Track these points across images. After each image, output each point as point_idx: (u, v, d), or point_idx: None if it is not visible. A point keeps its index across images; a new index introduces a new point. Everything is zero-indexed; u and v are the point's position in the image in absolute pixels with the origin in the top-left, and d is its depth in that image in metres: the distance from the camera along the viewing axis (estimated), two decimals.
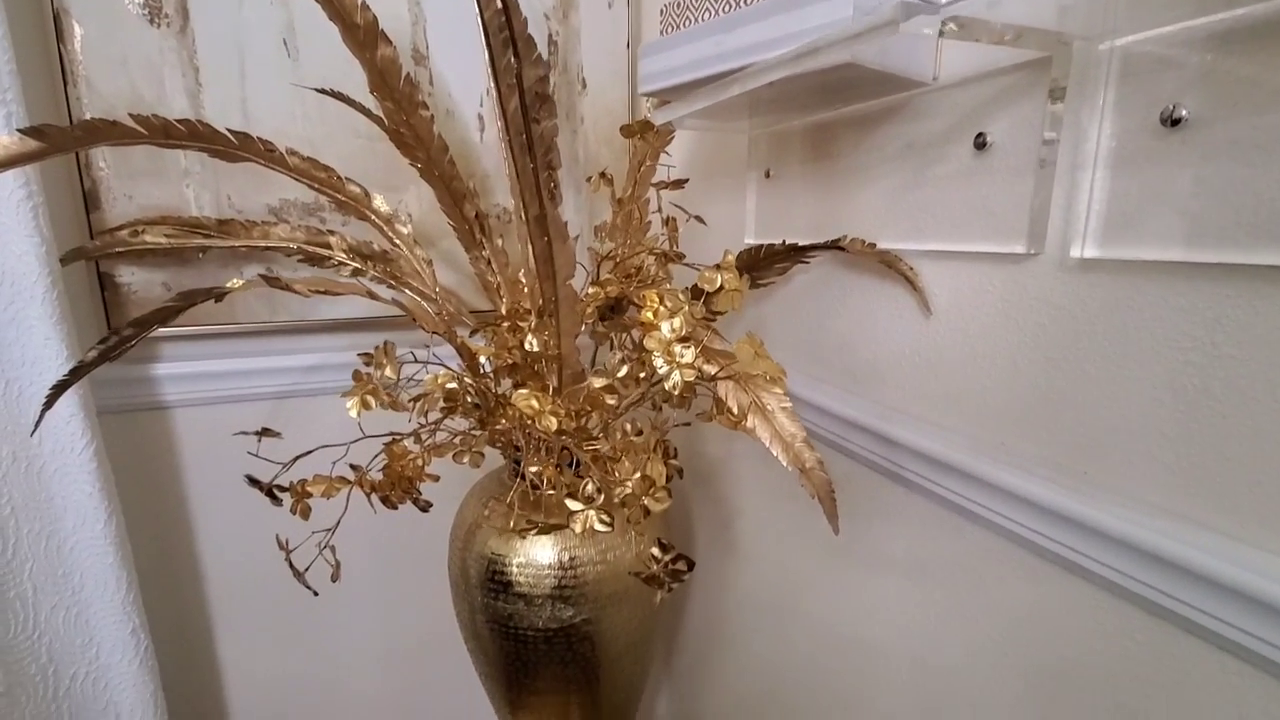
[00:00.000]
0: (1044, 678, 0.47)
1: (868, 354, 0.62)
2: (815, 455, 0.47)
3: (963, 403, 0.52)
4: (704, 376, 0.49)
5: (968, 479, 0.50)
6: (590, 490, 0.44)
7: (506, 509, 0.73)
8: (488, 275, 0.78)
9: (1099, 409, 0.43)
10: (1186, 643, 0.39)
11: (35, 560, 0.71)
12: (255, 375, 0.83)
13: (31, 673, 0.71)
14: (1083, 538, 0.43)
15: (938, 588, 0.56)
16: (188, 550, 0.87)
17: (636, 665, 0.78)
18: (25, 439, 0.69)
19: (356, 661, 0.99)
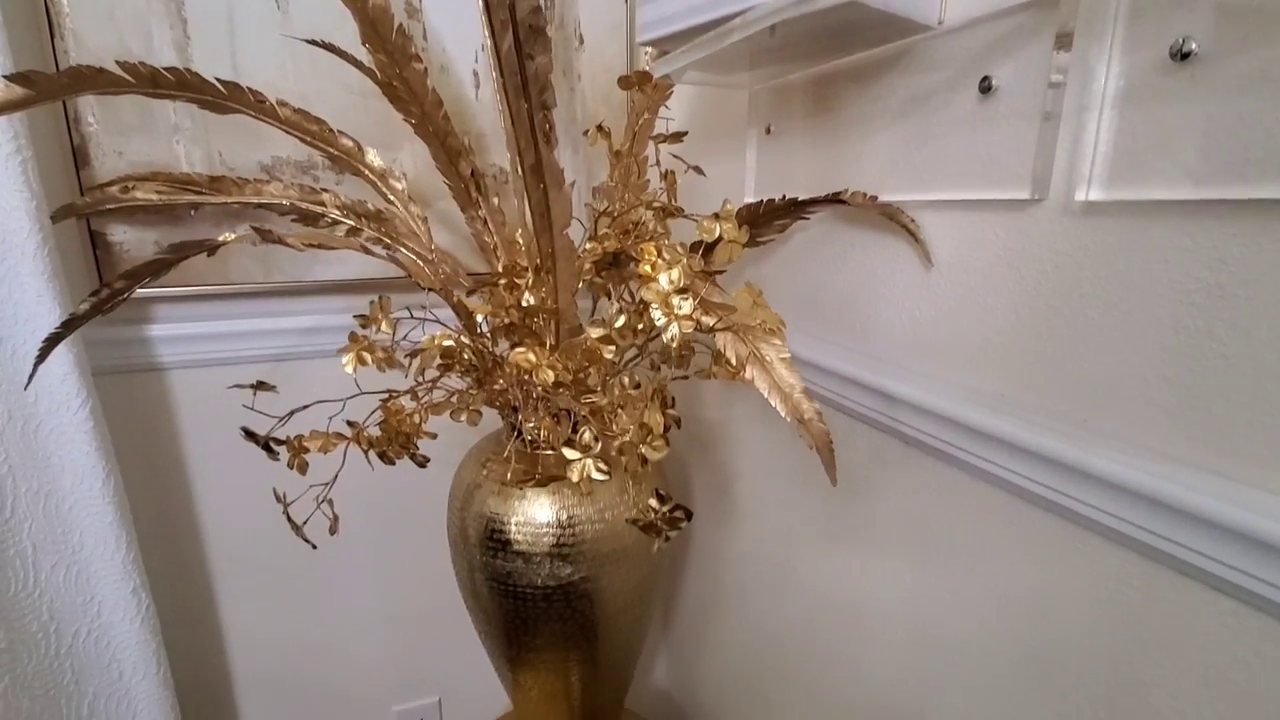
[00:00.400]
0: (1039, 626, 0.48)
1: (868, 310, 0.61)
2: (813, 406, 0.47)
3: (963, 355, 0.52)
4: (702, 328, 0.49)
5: (965, 431, 0.50)
6: (588, 439, 0.43)
7: (505, 469, 0.73)
8: (484, 236, 0.77)
9: (1100, 356, 0.42)
10: (1181, 585, 0.39)
11: (34, 519, 0.71)
12: (251, 337, 0.82)
13: (33, 630, 0.72)
14: (1080, 485, 0.42)
15: (935, 542, 0.56)
16: (187, 512, 0.87)
17: (634, 624, 0.79)
18: (20, 397, 0.68)
19: (357, 623, 1.00)
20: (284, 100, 0.63)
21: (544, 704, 0.82)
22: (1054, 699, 0.47)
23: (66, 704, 0.75)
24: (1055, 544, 0.46)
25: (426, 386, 0.64)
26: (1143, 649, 0.41)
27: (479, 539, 0.72)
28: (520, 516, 0.70)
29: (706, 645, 1.04)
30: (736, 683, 0.96)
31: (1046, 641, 0.47)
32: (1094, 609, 0.44)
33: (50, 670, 0.74)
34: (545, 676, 0.78)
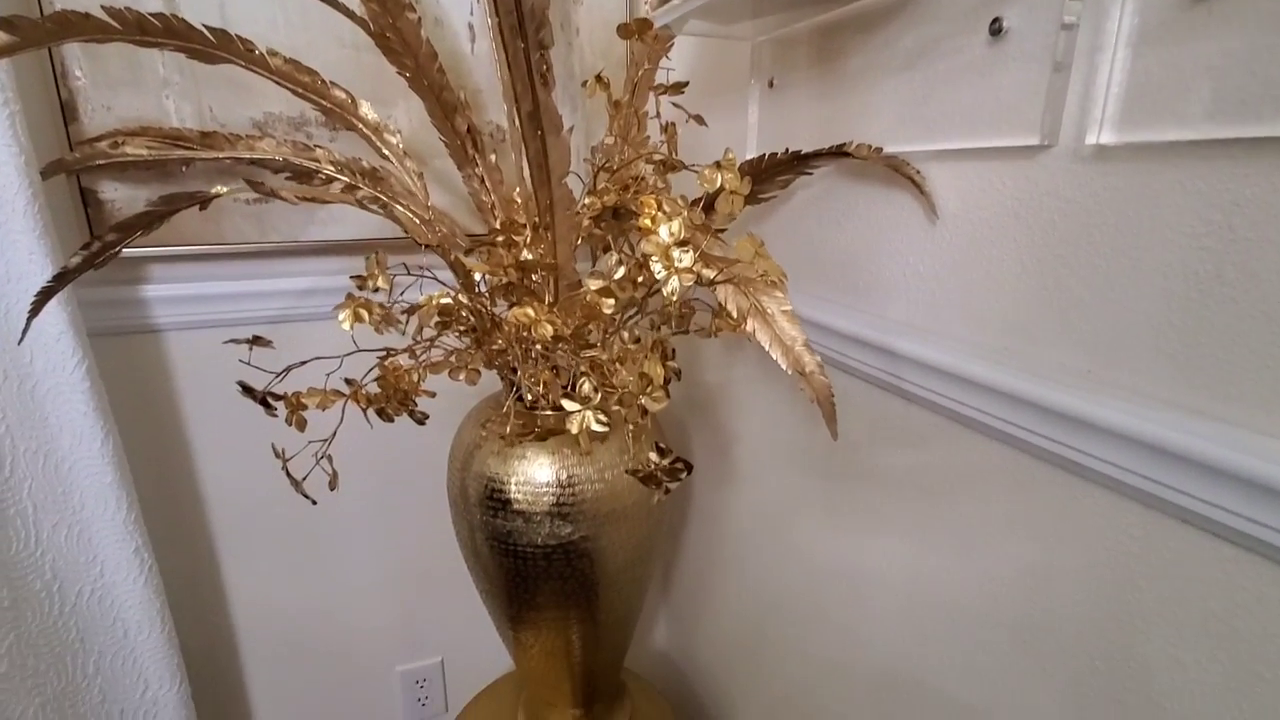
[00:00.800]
0: (1038, 581, 0.48)
1: (871, 267, 0.60)
2: (815, 359, 0.46)
3: (966, 310, 0.51)
4: (702, 281, 0.48)
5: (967, 385, 0.49)
6: (587, 390, 0.43)
7: (504, 428, 0.72)
8: (481, 195, 0.75)
9: (1106, 305, 0.42)
10: (1182, 534, 0.39)
11: (34, 478, 0.71)
12: (247, 299, 0.82)
13: (36, 589, 0.72)
14: (1084, 436, 0.42)
15: (935, 499, 0.56)
16: (188, 476, 0.87)
17: (634, 584, 0.80)
18: (15, 356, 0.68)
19: (359, 585, 1.01)
20: (274, 50, 0.62)
21: (545, 662, 0.83)
22: (1052, 653, 0.47)
23: (72, 661, 0.76)
24: (1056, 497, 0.46)
25: (424, 345, 0.63)
26: (1142, 599, 0.41)
27: (479, 499, 0.72)
28: (520, 476, 0.70)
29: (705, 608, 1.05)
30: (735, 645, 0.97)
31: (1045, 596, 0.48)
32: (1093, 561, 0.44)
33: (55, 628, 0.74)
34: (546, 635, 0.79)
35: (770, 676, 0.88)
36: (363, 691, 1.05)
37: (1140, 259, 0.40)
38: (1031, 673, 0.49)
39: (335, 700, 1.04)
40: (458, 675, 1.11)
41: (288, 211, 0.79)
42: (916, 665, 0.61)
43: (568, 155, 0.48)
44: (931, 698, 0.60)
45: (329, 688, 1.03)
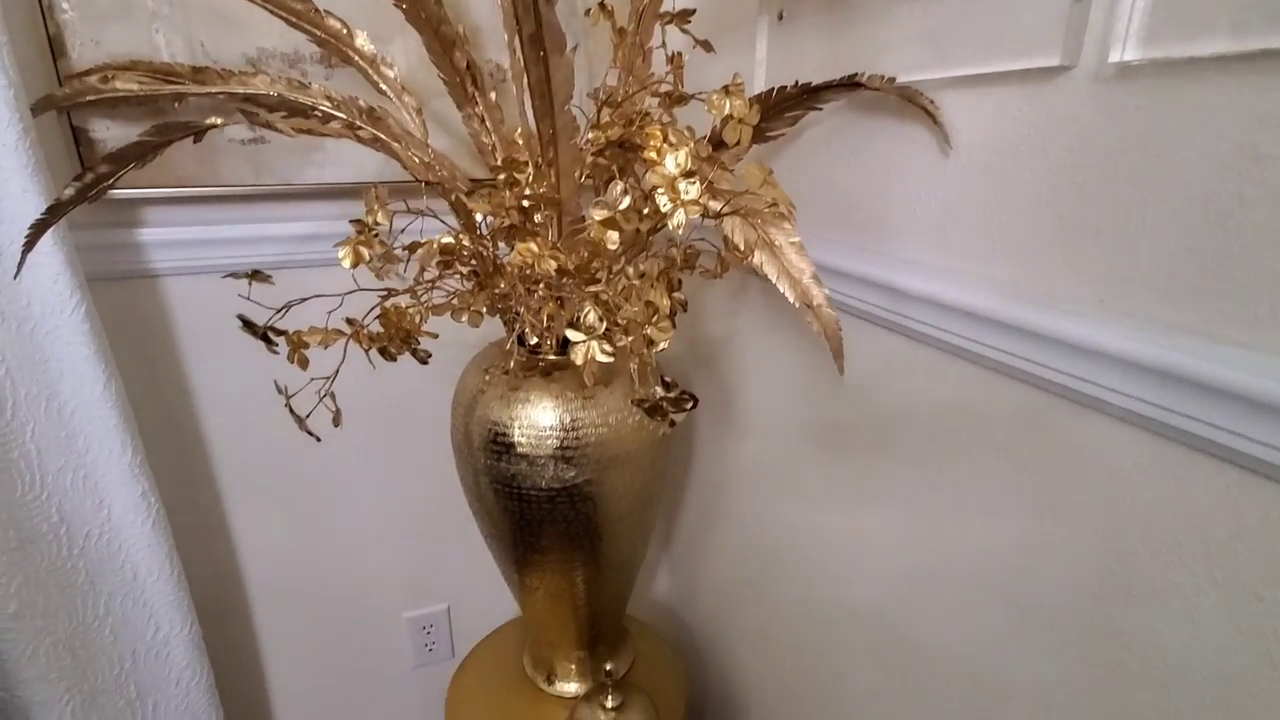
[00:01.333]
0: (1041, 514, 0.48)
1: (881, 206, 0.59)
2: (823, 291, 0.46)
3: (978, 245, 0.50)
4: (709, 214, 0.47)
5: (976, 320, 0.49)
6: (592, 320, 0.43)
7: (507, 375, 0.72)
8: (481, 136, 0.74)
9: (1123, 232, 0.41)
10: (1188, 460, 0.39)
11: (36, 422, 0.71)
12: (246, 244, 0.81)
13: (44, 531, 0.73)
14: (1093, 366, 0.42)
15: (938, 437, 0.56)
16: (191, 422, 0.88)
17: (637, 528, 0.80)
18: (13, 298, 0.67)
19: (366, 533, 1.02)
20: None
21: (549, 605, 0.84)
22: (1050, 587, 0.48)
23: (82, 603, 0.77)
24: (1063, 430, 0.46)
25: (426, 286, 0.63)
26: (1143, 527, 0.42)
27: (483, 443, 0.72)
28: (523, 420, 0.70)
29: (706, 560, 1.07)
30: (735, 596, 0.99)
31: (1046, 532, 0.48)
32: (1098, 493, 0.44)
33: (63, 570, 0.75)
34: (550, 578, 0.80)
35: (771, 626, 0.89)
36: (371, 636, 1.07)
37: (1159, 182, 0.39)
38: (1029, 608, 0.50)
39: (344, 644, 1.06)
40: (464, 622, 1.13)
41: (284, 153, 0.77)
42: (916, 609, 0.62)
43: (571, 77, 0.46)
44: (929, 641, 0.60)
45: (338, 632, 1.05)
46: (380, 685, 1.11)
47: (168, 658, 0.85)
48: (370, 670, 1.09)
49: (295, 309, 0.59)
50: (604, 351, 0.43)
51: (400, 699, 1.12)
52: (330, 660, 1.06)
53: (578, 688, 0.90)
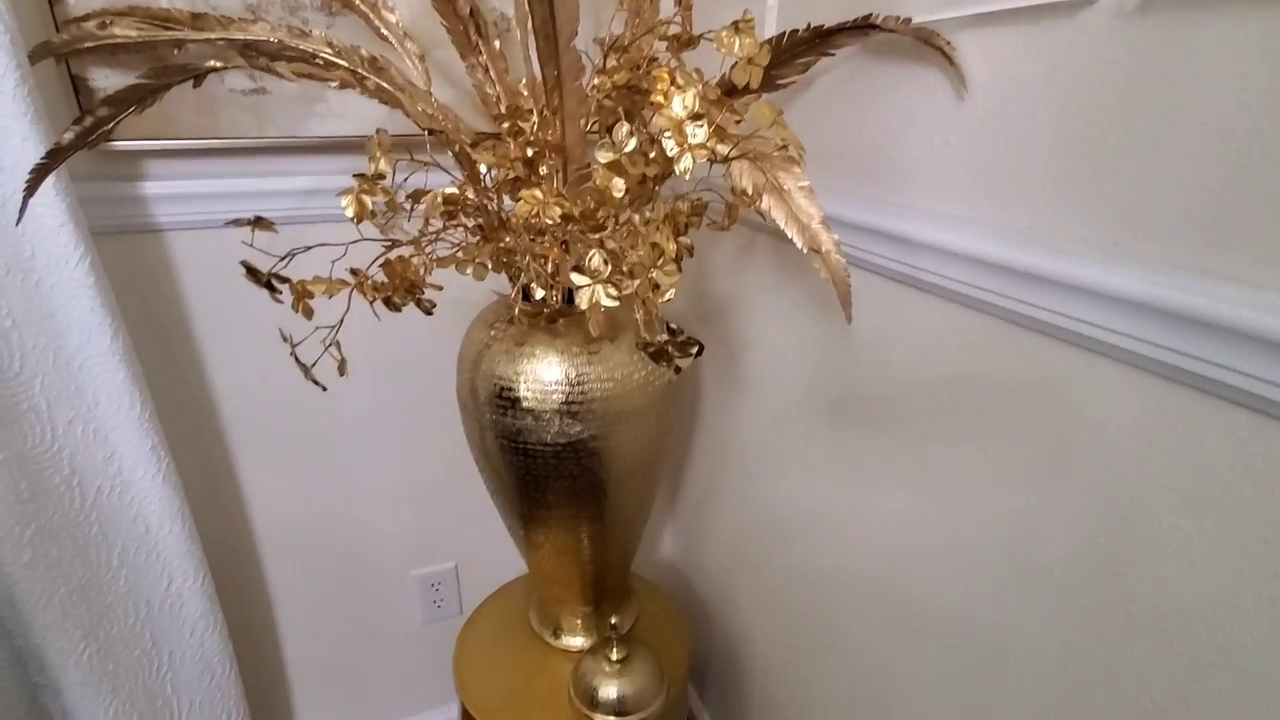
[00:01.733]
0: (1049, 469, 0.48)
1: (893, 154, 0.58)
2: (832, 237, 0.45)
3: (991, 190, 0.50)
4: (717, 158, 0.46)
5: (985, 267, 0.48)
6: (597, 263, 0.42)
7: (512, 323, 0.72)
8: (486, 86, 0.73)
9: (1139, 172, 0.40)
10: (1198, 403, 0.39)
11: (45, 374, 0.71)
12: (249, 198, 0.80)
13: (55, 483, 0.74)
14: (1104, 310, 0.41)
15: (944, 390, 0.56)
16: (199, 379, 0.88)
17: (642, 485, 0.81)
18: (16, 250, 0.67)
19: (374, 491, 1.03)
20: None
21: (555, 561, 0.85)
22: (1052, 541, 0.48)
23: (95, 554, 0.78)
24: (1070, 377, 0.45)
25: (430, 237, 0.62)
26: (1149, 474, 0.42)
27: (488, 398, 0.72)
28: (529, 375, 0.70)
29: (712, 519, 1.08)
30: (740, 556, 0.99)
31: (1051, 482, 0.48)
32: (1102, 440, 0.44)
33: (76, 521, 0.76)
34: (556, 534, 0.81)
35: (774, 586, 0.90)
36: (380, 592, 1.09)
37: (1177, 120, 0.38)
38: (1030, 562, 0.50)
39: (354, 600, 1.08)
40: (471, 580, 1.14)
41: (286, 104, 0.76)
42: (918, 564, 0.62)
43: (576, 14, 0.45)
44: (929, 597, 0.61)
45: (348, 589, 1.07)
46: (390, 641, 1.13)
47: (181, 609, 0.87)
48: (380, 626, 1.11)
49: (300, 263, 0.59)
50: (609, 295, 0.42)
51: (410, 654, 1.15)
52: (341, 616, 1.08)
53: (583, 642, 0.92)
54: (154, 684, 0.85)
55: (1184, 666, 0.41)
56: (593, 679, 0.82)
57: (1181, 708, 0.41)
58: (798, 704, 0.87)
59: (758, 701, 0.98)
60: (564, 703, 0.84)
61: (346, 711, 1.14)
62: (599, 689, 0.81)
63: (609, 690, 0.81)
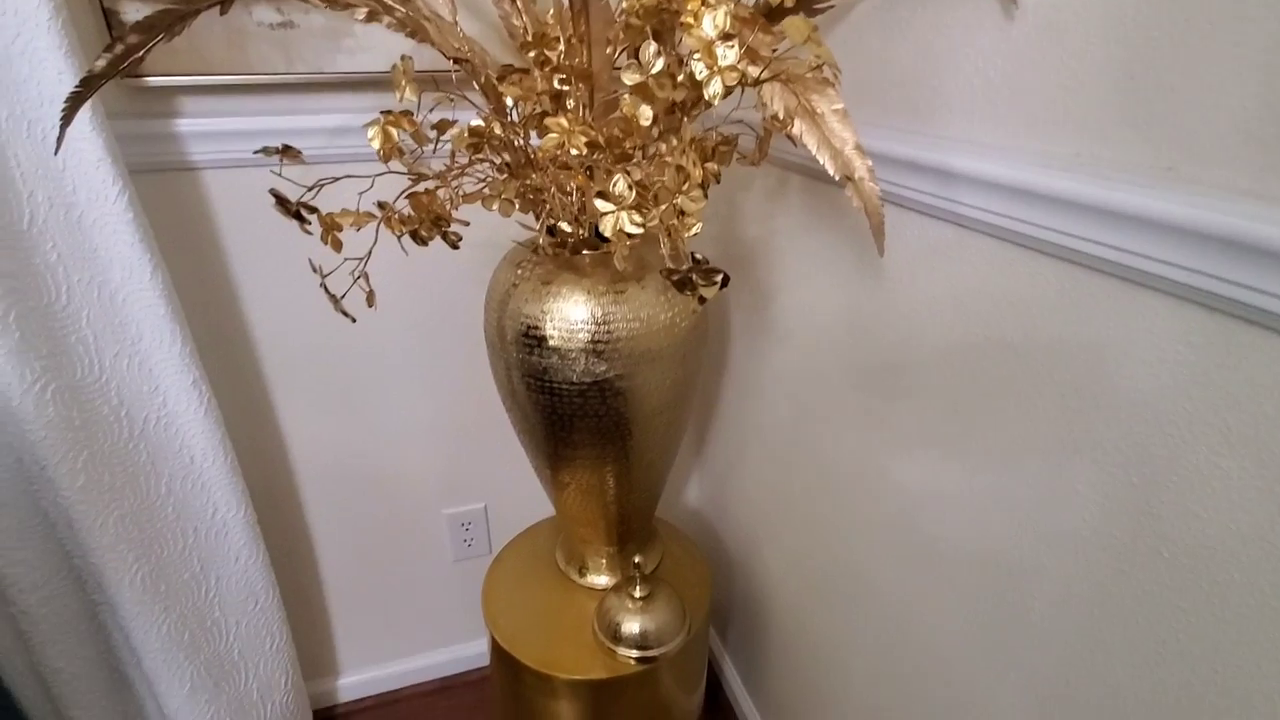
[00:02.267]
0: (1085, 409, 0.47)
1: (934, 82, 0.55)
2: (866, 163, 0.44)
3: (1037, 115, 0.47)
4: (748, 80, 0.45)
5: (1026, 197, 0.46)
6: (621, 188, 0.41)
7: (539, 269, 0.72)
8: (513, 18, 0.71)
9: (1196, 89, 0.38)
10: (1244, 335, 0.37)
11: (90, 308, 0.73)
12: (279, 136, 0.80)
13: (104, 413, 0.77)
14: (1151, 239, 0.39)
15: (981, 332, 0.55)
16: (236, 316, 0.90)
17: (667, 428, 0.81)
18: (59, 184, 0.69)
19: (406, 432, 1.05)
20: None
21: (581, 501, 0.86)
22: (1084, 481, 0.47)
23: (144, 481, 0.82)
24: (1111, 310, 0.44)
25: (456, 171, 0.62)
26: (1191, 409, 0.40)
27: (515, 337, 0.73)
28: (555, 314, 0.70)
29: (738, 469, 1.08)
30: (763, 502, 1.00)
31: (1086, 424, 0.47)
32: (1142, 375, 0.42)
33: (126, 450, 0.80)
34: (582, 474, 0.82)
35: (798, 533, 0.91)
36: (413, 529, 1.12)
37: (1241, 29, 0.35)
38: (1062, 499, 0.49)
39: (388, 537, 1.12)
40: (500, 520, 1.17)
41: (313, 39, 0.76)
42: (945, 507, 0.62)
43: None
44: (954, 539, 0.60)
45: (382, 525, 1.10)
46: (422, 576, 1.17)
47: (226, 537, 0.91)
48: (412, 562, 1.15)
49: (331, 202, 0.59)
50: (633, 222, 0.42)
51: (441, 590, 1.19)
52: (375, 552, 1.12)
53: (608, 580, 0.94)
54: (203, 605, 0.90)
55: (1215, 608, 0.40)
56: (616, 615, 0.84)
57: (1210, 649, 0.41)
58: (818, 648, 0.88)
59: (778, 645, 1.00)
60: (588, 637, 0.87)
61: (382, 641, 1.20)
62: (622, 624, 0.83)
63: (632, 626, 0.83)
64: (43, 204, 0.69)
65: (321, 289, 0.57)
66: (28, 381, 0.68)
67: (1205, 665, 0.41)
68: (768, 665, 1.05)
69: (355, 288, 0.58)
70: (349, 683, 1.19)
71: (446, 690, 1.22)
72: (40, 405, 0.70)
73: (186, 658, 0.88)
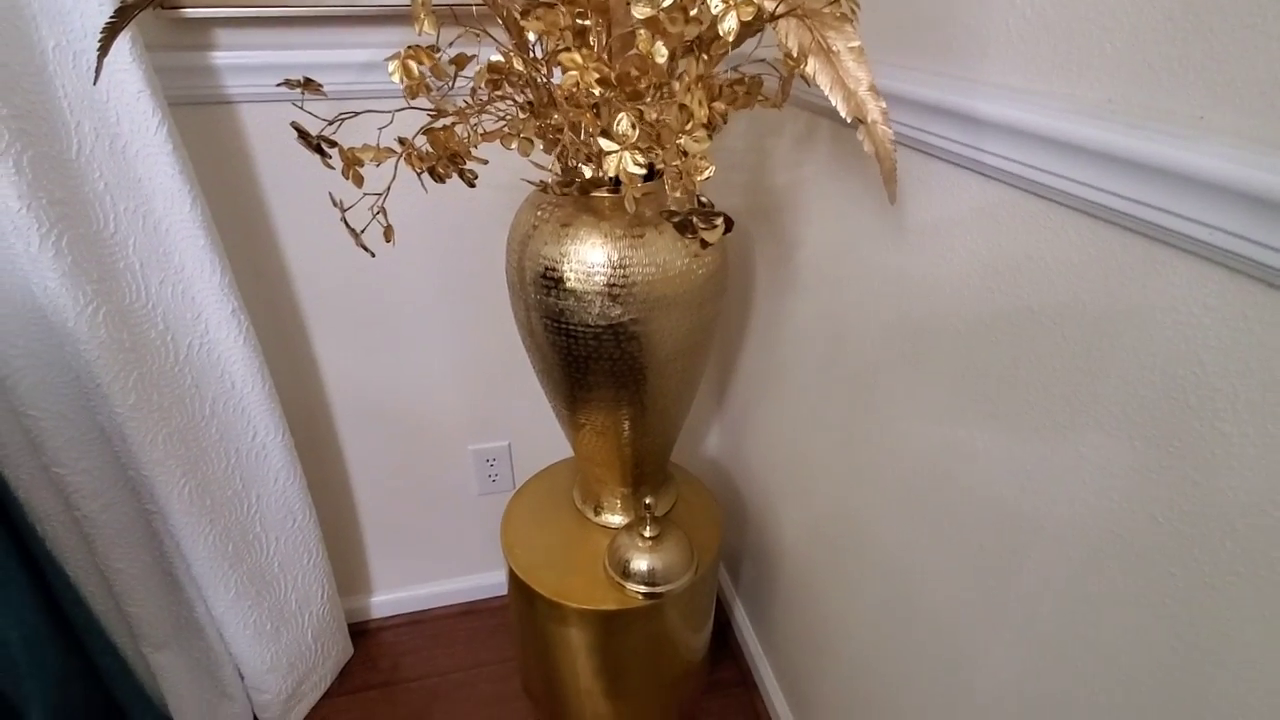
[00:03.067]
0: (1098, 359, 0.45)
1: (966, 19, 0.53)
2: (880, 106, 0.42)
3: (1070, 58, 0.44)
4: (764, 15, 0.43)
5: (1054, 146, 0.44)
6: (625, 127, 0.41)
7: (558, 212, 0.72)
8: None
9: (1237, 29, 0.35)
10: (1263, 297, 0.35)
11: (135, 236, 0.77)
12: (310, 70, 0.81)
13: (151, 337, 0.82)
14: (1178, 192, 0.37)
15: (1001, 287, 0.53)
16: (273, 250, 0.94)
17: (681, 374, 0.82)
18: (103, 115, 0.71)
19: (434, 369, 1.09)
20: None
21: (597, 442, 0.89)
22: (1091, 437, 0.46)
23: (190, 403, 0.87)
24: (1132, 268, 0.42)
25: (476, 108, 0.62)
26: (1200, 374, 0.39)
27: (534, 278, 0.74)
28: (573, 257, 0.71)
29: (756, 418, 1.08)
30: (779, 454, 1.01)
31: (1094, 388, 0.45)
32: (1159, 335, 0.41)
33: (172, 373, 0.85)
34: (597, 415, 0.84)
35: (811, 483, 0.91)
36: (441, 462, 1.17)
37: None
38: (1069, 455, 0.48)
39: (417, 468, 1.17)
40: (523, 458, 1.21)
41: None
42: (959, 458, 0.61)
43: None
44: (963, 491, 0.60)
45: (412, 456, 1.16)
46: (449, 507, 1.23)
47: (266, 459, 0.97)
48: (440, 493, 1.20)
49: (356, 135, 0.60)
50: (635, 163, 0.42)
51: (466, 521, 1.25)
52: (405, 482, 1.18)
53: (621, 520, 0.97)
54: (245, 520, 0.97)
55: (1207, 574, 0.40)
56: (626, 552, 0.87)
57: (1201, 614, 0.40)
58: (823, 596, 0.90)
59: (786, 592, 1.02)
60: (599, 572, 0.91)
61: (411, 563, 1.27)
62: (631, 561, 0.86)
63: (640, 563, 0.86)
64: (89, 134, 0.72)
65: (342, 223, 0.59)
66: (80, 304, 0.73)
67: (1194, 629, 0.41)
68: (776, 610, 1.07)
69: (375, 223, 0.60)
70: (381, 600, 1.27)
71: (470, 613, 1.29)
72: (93, 327, 0.74)
73: (230, 566, 0.95)
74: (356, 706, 1.14)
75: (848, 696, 0.86)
